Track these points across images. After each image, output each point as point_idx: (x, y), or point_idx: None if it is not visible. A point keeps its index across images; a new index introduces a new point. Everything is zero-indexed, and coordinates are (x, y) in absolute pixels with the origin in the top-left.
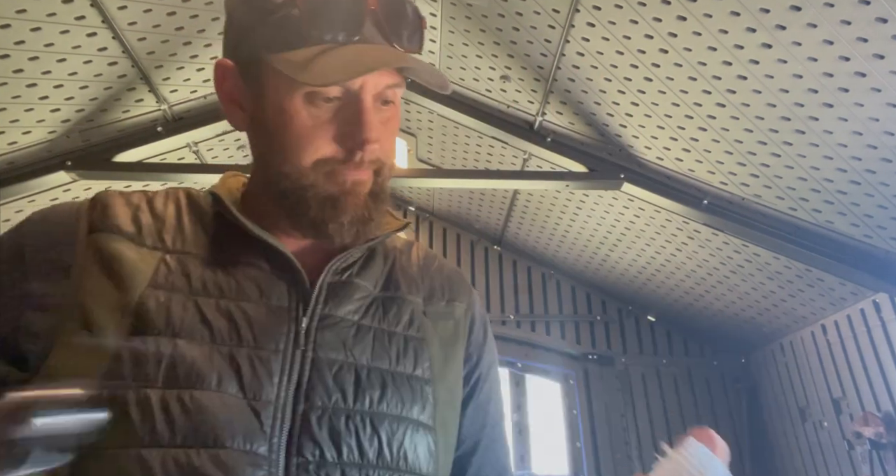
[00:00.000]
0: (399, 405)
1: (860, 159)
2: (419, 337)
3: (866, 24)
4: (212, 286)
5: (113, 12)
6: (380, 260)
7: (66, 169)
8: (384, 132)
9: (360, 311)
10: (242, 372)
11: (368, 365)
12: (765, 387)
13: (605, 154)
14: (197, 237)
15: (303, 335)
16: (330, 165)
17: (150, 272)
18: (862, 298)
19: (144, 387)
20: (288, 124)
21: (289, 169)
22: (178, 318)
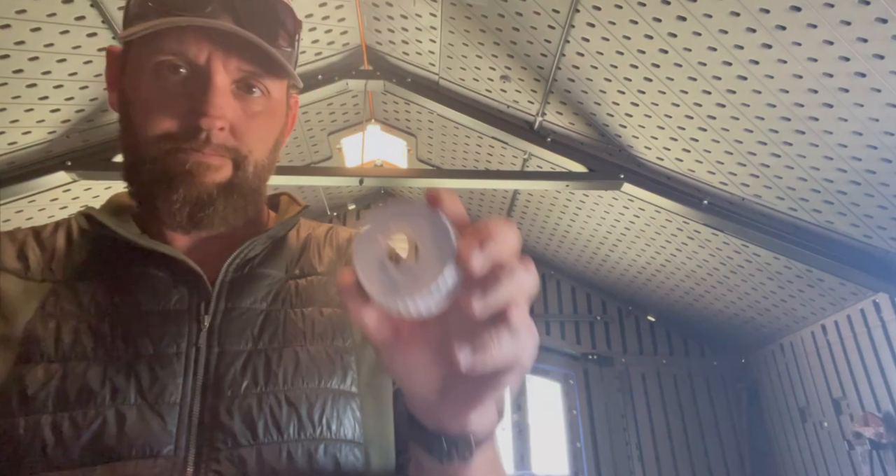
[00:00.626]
0: (316, 378)
1: (860, 160)
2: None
3: (866, 24)
4: (105, 304)
5: (113, 12)
6: (288, 247)
7: (66, 169)
8: (249, 122)
9: (268, 297)
10: (141, 379)
11: (280, 347)
12: (765, 387)
13: (605, 154)
14: (89, 261)
15: (205, 333)
16: (173, 142)
17: (38, 303)
18: (862, 298)
19: (34, 413)
20: (136, 98)
21: (132, 142)
22: (67, 342)
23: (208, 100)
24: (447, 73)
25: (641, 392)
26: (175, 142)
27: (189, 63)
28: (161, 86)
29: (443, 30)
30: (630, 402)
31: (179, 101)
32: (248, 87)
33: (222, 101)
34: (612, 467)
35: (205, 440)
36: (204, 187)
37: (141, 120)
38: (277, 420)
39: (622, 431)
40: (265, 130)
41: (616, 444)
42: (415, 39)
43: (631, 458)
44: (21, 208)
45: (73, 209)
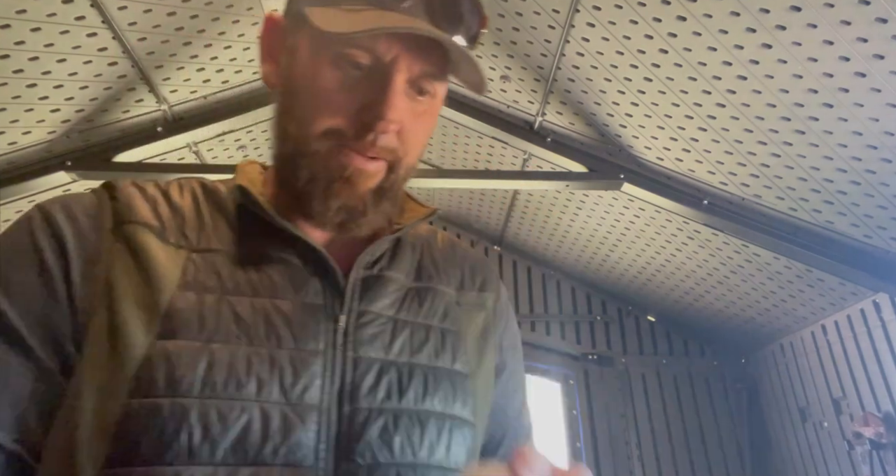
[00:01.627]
0: (442, 401)
1: (860, 159)
2: (454, 330)
3: (866, 24)
4: (244, 284)
5: (113, 12)
6: (408, 249)
7: (66, 169)
8: (413, 125)
9: (395, 305)
10: (284, 375)
11: (409, 361)
12: (765, 387)
13: (605, 154)
14: (220, 232)
15: (341, 334)
16: (338, 139)
17: (179, 272)
18: (862, 298)
19: (180, 397)
20: (309, 84)
21: (296, 131)
22: (212, 321)
23: (387, 102)
24: None
25: (641, 392)
26: (340, 139)
27: (374, 59)
28: (338, 78)
29: None
30: (630, 402)
31: (354, 96)
32: (419, 89)
33: (400, 104)
34: (612, 467)
35: (342, 451)
36: (360, 196)
37: (308, 110)
38: (412, 441)
39: (622, 431)
40: (424, 133)
41: (616, 444)
42: None
43: (631, 458)
44: (21, 208)
45: None
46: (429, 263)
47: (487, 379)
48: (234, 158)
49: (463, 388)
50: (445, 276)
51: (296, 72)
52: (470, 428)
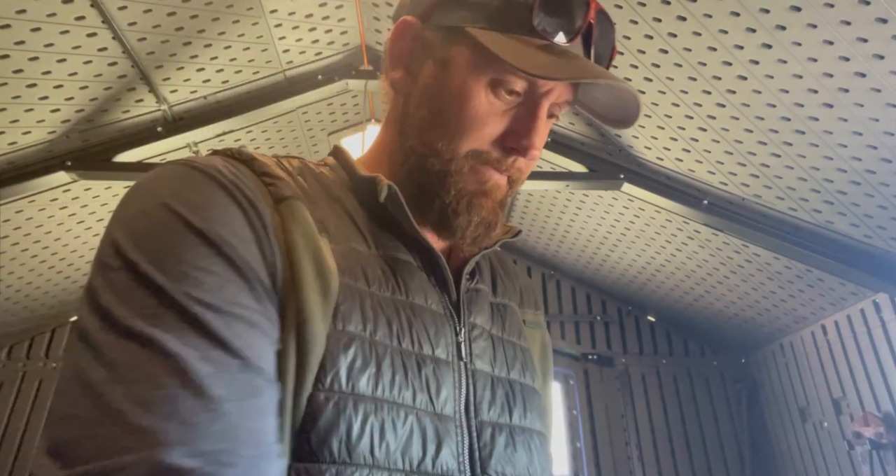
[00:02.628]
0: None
1: (860, 159)
2: (527, 347)
3: (866, 24)
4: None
5: (113, 12)
6: (486, 264)
7: (66, 169)
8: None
9: (489, 320)
10: (430, 385)
11: (507, 377)
12: (765, 387)
13: (605, 154)
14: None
15: (463, 345)
16: (482, 159)
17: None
18: (862, 298)
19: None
20: (463, 103)
21: (443, 148)
22: (370, 313)
23: (536, 132)
24: None
25: (641, 392)
26: (480, 159)
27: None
28: (492, 102)
29: None
30: (630, 402)
31: (504, 121)
32: (551, 113)
33: (543, 133)
34: (612, 467)
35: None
36: (493, 208)
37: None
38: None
39: (622, 431)
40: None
41: (616, 444)
42: None
43: (631, 458)
44: (21, 208)
45: (73, 209)
46: (499, 278)
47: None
48: None
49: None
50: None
51: (447, 88)
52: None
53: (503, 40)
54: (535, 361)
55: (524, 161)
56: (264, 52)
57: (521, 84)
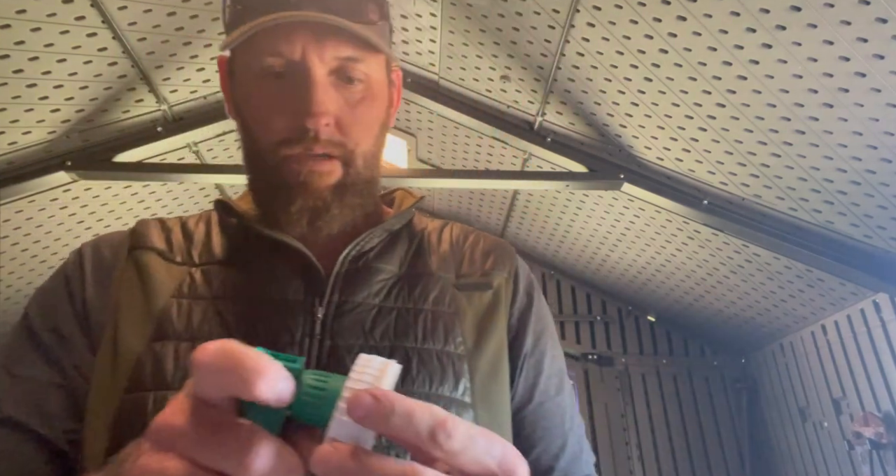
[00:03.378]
0: (427, 383)
1: (860, 159)
2: (450, 311)
3: (866, 24)
4: (230, 290)
5: (113, 12)
6: (404, 241)
7: (66, 169)
8: (352, 113)
9: (381, 293)
10: None
11: (391, 344)
12: (765, 387)
13: (605, 154)
14: (221, 248)
15: (319, 324)
16: (287, 147)
17: (176, 284)
18: (862, 298)
19: (163, 389)
20: (249, 104)
21: (255, 150)
22: (197, 323)
23: (310, 97)
24: (447, 73)
25: (641, 392)
26: (289, 146)
27: (286, 61)
28: (266, 91)
29: (443, 30)
30: (630, 402)
31: (284, 103)
32: (346, 78)
33: (323, 96)
34: (612, 467)
35: None
36: (319, 195)
37: (254, 127)
38: None
39: (622, 431)
40: (370, 118)
41: (616, 444)
42: (415, 39)
43: (631, 458)
44: (21, 208)
45: (73, 209)
46: (427, 253)
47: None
48: (234, 158)
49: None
50: (444, 263)
51: (239, 99)
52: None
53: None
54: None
55: (329, 131)
56: None
57: (277, 62)
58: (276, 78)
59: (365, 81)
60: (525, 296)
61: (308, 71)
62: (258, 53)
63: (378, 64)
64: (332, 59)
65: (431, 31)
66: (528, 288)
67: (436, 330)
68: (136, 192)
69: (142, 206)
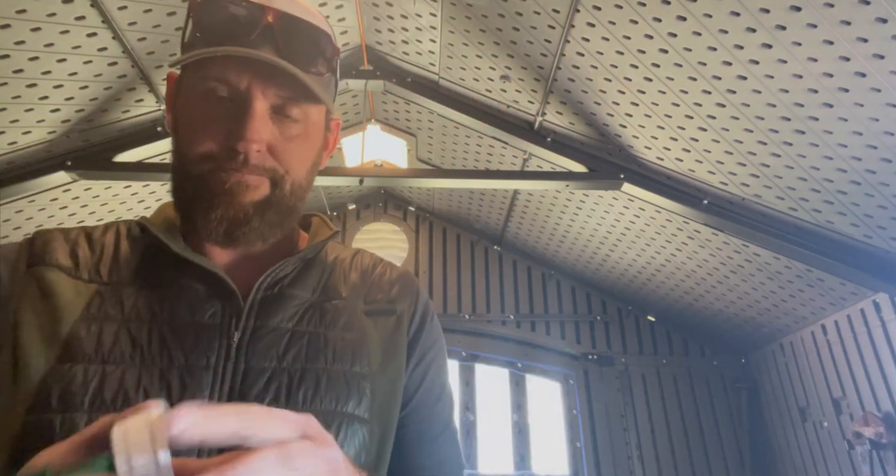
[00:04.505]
0: (333, 401)
1: (860, 159)
2: (357, 336)
3: (866, 24)
4: (144, 311)
5: (113, 12)
6: (317, 269)
7: (66, 169)
8: (287, 145)
9: (294, 318)
10: (172, 388)
11: (303, 367)
12: (765, 387)
13: (605, 154)
14: (133, 266)
15: (234, 348)
16: (214, 162)
17: (84, 304)
18: (862, 298)
19: (71, 411)
20: (187, 120)
21: (178, 160)
22: (108, 345)
23: (246, 124)
24: (447, 73)
25: (641, 392)
26: (216, 162)
27: (231, 89)
28: (206, 110)
29: (443, 30)
30: (630, 402)
31: (221, 124)
32: (285, 115)
33: (259, 126)
34: (612, 467)
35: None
36: (241, 206)
37: (187, 141)
38: None
39: (622, 431)
40: (302, 152)
41: (616, 444)
42: (415, 39)
43: (631, 458)
44: (21, 208)
45: (73, 209)
46: (338, 280)
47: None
48: None
49: (359, 387)
50: (354, 290)
51: (178, 113)
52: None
53: (186, 55)
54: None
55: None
56: None
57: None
58: (218, 101)
59: (302, 122)
60: (420, 318)
61: (249, 101)
62: (206, 77)
63: (318, 110)
64: (274, 95)
65: (431, 31)
66: (423, 312)
67: (345, 353)
68: (136, 192)
69: (142, 206)
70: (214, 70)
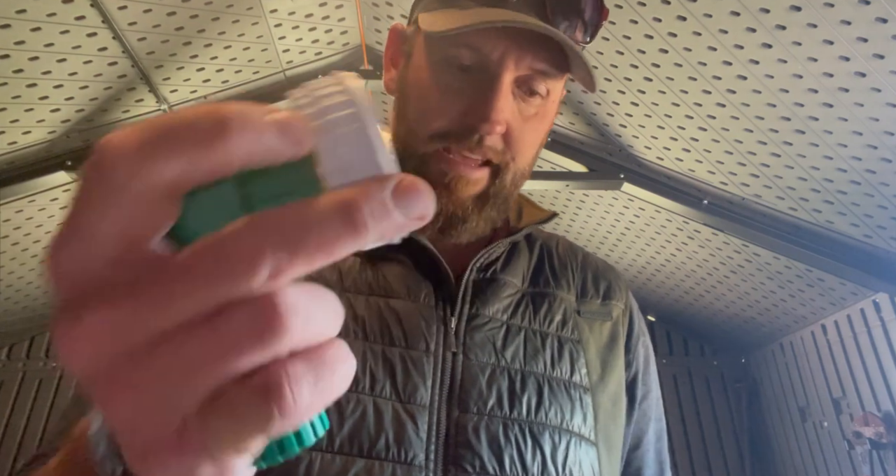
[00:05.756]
0: (559, 414)
1: (860, 159)
2: (574, 339)
3: (866, 24)
4: (361, 283)
5: (113, 12)
6: (524, 253)
7: (66, 169)
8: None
9: (508, 309)
10: (396, 374)
11: (522, 369)
12: (765, 387)
13: (605, 154)
14: None
15: (452, 336)
16: (443, 142)
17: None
18: (862, 298)
19: None
20: (419, 88)
21: (406, 134)
22: None
23: (492, 103)
24: None
25: None
26: (446, 141)
27: (481, 58)
28: (446, 80)
29: None
30: None
31: (461, 98)
32: (529, 89)
33: (505, 105)
34: None
35: (451, 456)
36: (460, 202)
37: (417, 113)
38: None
39: None
40: (535, 135)
41: None
42: None
43: None
44: (21, 208)
45: None
46: (547, 268)
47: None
48: None
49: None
50: (565, 282)
51: (408, 77)
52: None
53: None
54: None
55: (494, 139)
56: (264, 52)
57: (470, 56)
58: (461, 70)
59: (544, 97)
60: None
61: (498, 74)
62: (452, 40)
63: (559, 84)
64: (527, 67)
65: None
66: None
67: (563, 357)
68: None
69: None
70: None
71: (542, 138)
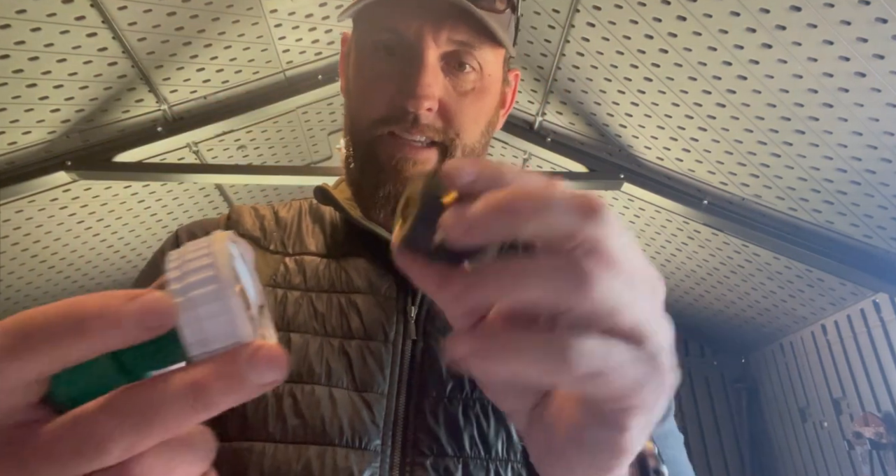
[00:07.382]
0: None
1: (860, 159)
2: None
3: (866, 24)
4: (324, 281)
5: (113, 12)
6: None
7: (66, 169)
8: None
9: None
10: (353, 364)
11: None
12: (765, 387)
13: (605, 154)
14: (314, 238)
15: (412, 324)
16: (383, 126)
17: (270, 273)
18: (862, 298)
19: None
20: (356, 79)
21: (352, 125)
22: (291, 313)
23: (416, 79)
24: None
25: None
26: (385, 125)
27: (399, 38)
28: (373, 66)
29: None
30: None
31: (391, 81)
32: (458, 64)
33: (431, 80)
34: None
35: (409, 441)
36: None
37: (356, 104)
38: (485, 433)
39: None
40: (476, 110)
41: None
42: None
43: None
44: (21, 208)
45: (73, 209)
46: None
47: None
48: (233, 158)
49: None
50: None
51: (349, 74)
52: None
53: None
54: None
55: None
56: (264, 52)
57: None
58: (388, 54)
59: (478, 71)
60: None
61: (420, 51)
62: (373, 28)
63: (495, 56)
64: (447, 41)
65: None
66: None
67: None
68: (136, 192)
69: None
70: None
71: (487, 113)
